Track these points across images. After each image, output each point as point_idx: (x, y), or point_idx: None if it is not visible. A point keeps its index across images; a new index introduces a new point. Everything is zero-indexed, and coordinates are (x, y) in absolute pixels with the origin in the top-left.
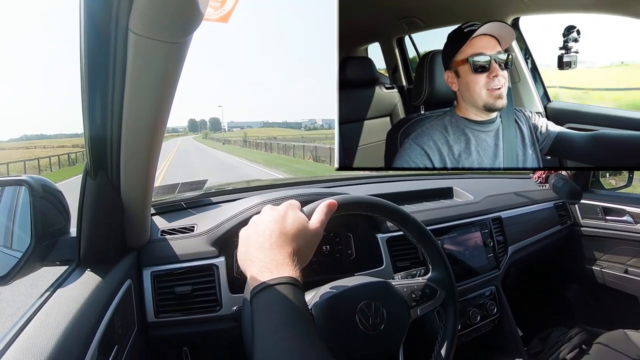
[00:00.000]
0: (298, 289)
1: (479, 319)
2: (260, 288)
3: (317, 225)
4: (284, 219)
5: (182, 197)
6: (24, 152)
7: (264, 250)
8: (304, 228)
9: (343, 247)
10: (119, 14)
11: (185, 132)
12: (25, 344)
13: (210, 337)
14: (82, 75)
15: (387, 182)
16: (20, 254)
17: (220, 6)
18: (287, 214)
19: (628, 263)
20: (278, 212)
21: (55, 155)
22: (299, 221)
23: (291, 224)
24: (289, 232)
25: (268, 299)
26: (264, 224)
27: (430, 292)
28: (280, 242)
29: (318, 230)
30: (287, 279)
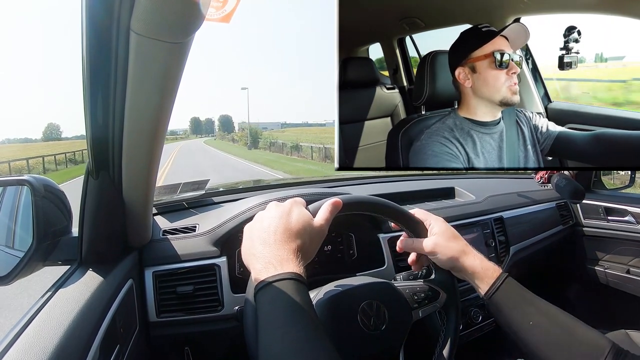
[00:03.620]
0: (302, 284)
1: (481, 319)
2: (265, 284)
3: (322, 222)
4: (289, 215)
5: (184, 197)
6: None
7: (268, 245)
8: (309, 225)
9: (345, 247)
10: (120, 14)
11: (187, 134)
12: (27, 344)
13: (211, 336)
14: (84, 75)
15: (388, 182)
16: (22, 254)
17: (221, 6)
18: (292, 210)
19: (630, 263)
20: (283, 208)
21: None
22: (303, 218)
23: (296, 220)
24: (294, 229)
25: (272, 295)
26: (268, 220)
27: (432, 294)
28: (285, 237)
29: (323, 227)
30: (291, 274)
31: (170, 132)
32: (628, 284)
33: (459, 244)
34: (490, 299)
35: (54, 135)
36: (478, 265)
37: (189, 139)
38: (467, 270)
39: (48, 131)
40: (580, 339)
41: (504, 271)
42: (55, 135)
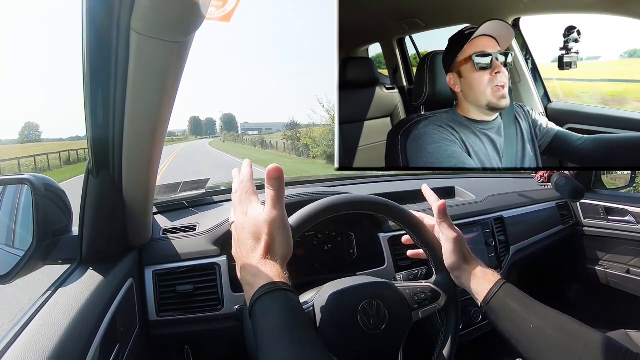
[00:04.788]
0: (277, 292)
1: (481, 319)
2: (250, 309)
3: (270, 208)
4: (242, 227)
5: (184, 196)
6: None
7: (240, 263)
8: (261, 223)
9: (345, 246)
10: (120, 13)
11: (185, 135)
12: (27, 343)
13: (211, 335)
14: (84, 74)
15: (388, 181)
16: (22, 253)
17: (222, 5)
18: (242, 221)
19: (630, 263)
20: (237, 221)
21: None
22: (252, 221)
23: (248, 226)
24: (249, 238)
25: (255, 319)
26: (235, 241)
27: (433, 295)
28: (248, 251)
29: (274, 214)
30: (263, 289)
31: (168, 133)
32: (628, 283)
33: (462, 250)
34: (488, 305)
35: (33, 136)
36: (477, 272)
37: (187, 140)
38: (466, 277)
39: (26, 131)
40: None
41: (503, 276)
42: (34, 136)
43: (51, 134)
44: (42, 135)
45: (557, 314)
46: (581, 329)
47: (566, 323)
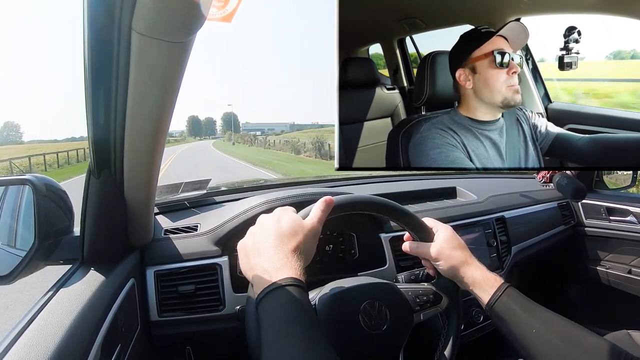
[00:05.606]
0: (298, 288)
1: (482, 319)
2: (262, 295)
3: (314, 220)
4: (279, 221)
5: (185, 196)
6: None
7: (261, 255)
8: (300, 226)
9: (346, 246)
10: (122, 13)
11: (184, 136)
12: (28, 343)
13: (213, 336)
14: (86, 75)
15: (389, 182)
16: (23, 253)
17: (223, 6)
18: (281, 216)
19: (632, 263)
20: (271, 218)
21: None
22: (293, 221)
23: (287, 223)
24: (285, 232)
25: (269, 306)
26: (260, 231)
27: (434, 298)
28: (278, 242)
29: (315, 225)
30: (286, 280)
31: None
32: (630, 284)
33: (463, 254)
34: (492, 308)
35: (12, 137)
36: (479, 275)
37: (186, 141)
38: (468, 281)
39: (4, 132)
40: (585, 348)
41: (505, 276)
42: (13, 137)
43: (49, 135)
44: (42, 136)
45: (559, 319)
46: (582, 334)
47: (567, 328)
